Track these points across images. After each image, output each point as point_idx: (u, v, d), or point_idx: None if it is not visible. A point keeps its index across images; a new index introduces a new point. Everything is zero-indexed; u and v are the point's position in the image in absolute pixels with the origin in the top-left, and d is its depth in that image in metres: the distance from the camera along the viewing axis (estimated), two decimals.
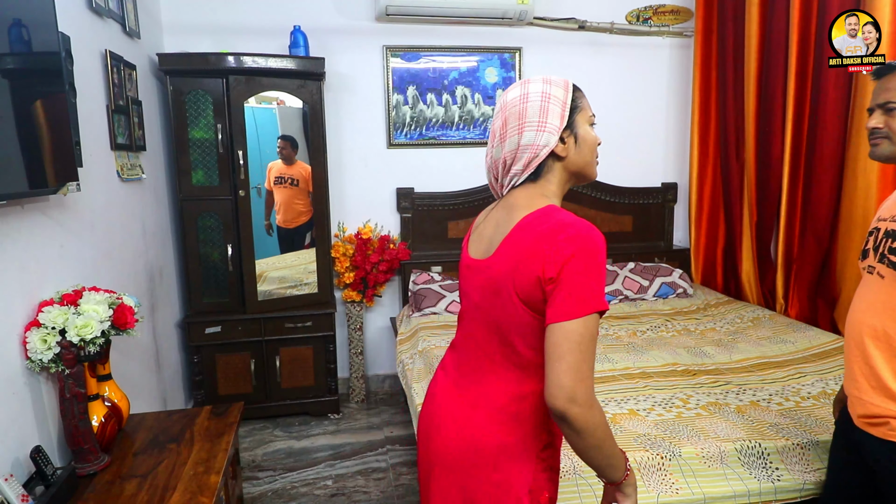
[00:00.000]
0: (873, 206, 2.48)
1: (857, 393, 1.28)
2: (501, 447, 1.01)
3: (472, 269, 1.08)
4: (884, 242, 1.24)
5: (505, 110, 1.02)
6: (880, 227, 1.28)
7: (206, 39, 3.11)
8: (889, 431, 1.22)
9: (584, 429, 0.89)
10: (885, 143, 1.24)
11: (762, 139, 3.11)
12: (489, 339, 1.03)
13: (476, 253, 1.09)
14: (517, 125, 0.99)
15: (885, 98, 1.23)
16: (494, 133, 1.04)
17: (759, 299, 3.25)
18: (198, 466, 1.64)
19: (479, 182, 3.50)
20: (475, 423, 1.04)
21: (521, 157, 1.00)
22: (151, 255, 2.63)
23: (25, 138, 1.44)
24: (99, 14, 2.15)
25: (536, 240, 0.94)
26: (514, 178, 1.03)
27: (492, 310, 1.02)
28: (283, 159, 3.11)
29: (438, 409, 1.12)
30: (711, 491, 1.61)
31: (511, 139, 1.00)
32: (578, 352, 0.88)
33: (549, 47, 3.50)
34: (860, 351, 1.27)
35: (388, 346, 3.57)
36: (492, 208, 1.13)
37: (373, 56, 3.35)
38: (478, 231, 1.12)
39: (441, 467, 1.08)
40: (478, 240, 1.10)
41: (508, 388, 1.02)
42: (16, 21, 1.40)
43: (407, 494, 2.46)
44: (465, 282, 1.11)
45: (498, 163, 1.04)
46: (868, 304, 1.26)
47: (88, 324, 1.51)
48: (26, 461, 1.44)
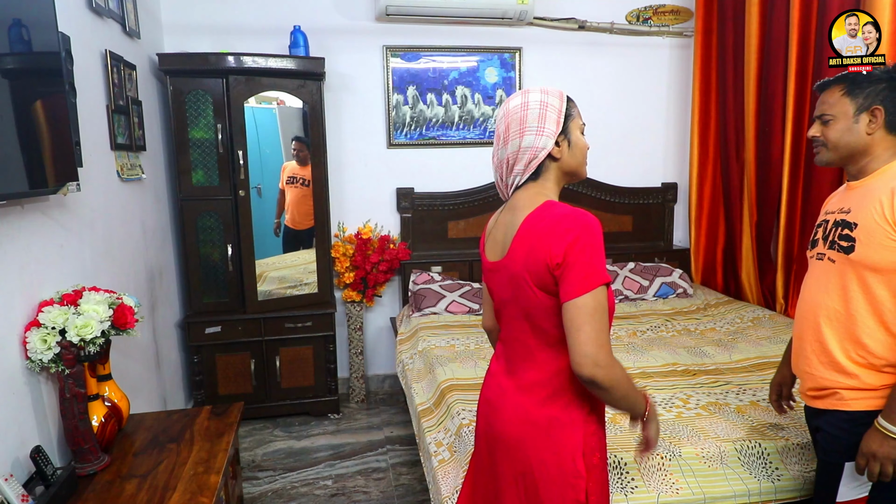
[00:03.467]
0: None
1: (809, 369, 1.42)
2: (551, 419, 1.14)
3: (493, 270, 1.22)
4: (833, 231, 1.40)
5: (508, 116, 1.15)
6: (828, 219, 1.44)
7: (206, 39, 3.11)
8: (836, 401, 1.37)
9: (612, 385, 1.04)
10: (823, 150, 1.41)
11: (762, 139, 3.11)
12: (522, 327, 1.17)
13: (493, 256, 1.23)
14: (518, 130, 1.13)
15: (821, 111, 1.41)
16: (499, 136, 1.17)
17: (759, 299, 3.25)
18: (198, 466, 1.64)
19: (479, 182, 3.51)
20: (526, 402, 1.17)
21: (521, 157, 1.14)
22: (151, 255, 2.63)
23: (25, 138, 1.44)
24: (99, 14, 2.15)
25: (541, 234, 1.08)
26: (516, 176, 1.16)
27: (518, 301, 1.15)
28: (297, 161, 3.12)
29: (495, 395, 1.25)
30: (712, 491, 1.61)
31: (513, 142, 1.14)
32: (593, 321, 1.02)
33: (549, 47, 3.50)
34: (813, 331, 1.41)
35: (388, 346, 3.57)
36: (500, 212, 1.26)
37: (373, 56, 3.35)
38: (491, 236, 1.26)
39: (503, 447, 1.21)
40: (492, 244, 1.24)
41: (546, 366, 1.15)
42: (16, 21, 1.40)
43: (407, 494, 2.46)
44: (491, 283, 1.25)
45: (503, 163, 1.17)
46: (821, 287, 1.40)
47: (88, 324, 1.51)
48: (26, 461, 1.44)
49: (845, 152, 1.38)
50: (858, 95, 1.35)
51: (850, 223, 1.35)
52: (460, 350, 2.60)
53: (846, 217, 1.38)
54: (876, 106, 1.34)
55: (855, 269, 1.33)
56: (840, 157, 1.40)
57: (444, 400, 2.14)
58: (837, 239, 1.37)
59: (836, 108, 1.38)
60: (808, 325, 1.43)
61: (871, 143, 1.35)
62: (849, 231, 1.34)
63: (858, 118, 1.35)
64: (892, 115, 1.34)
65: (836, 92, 1.39)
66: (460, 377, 2.27)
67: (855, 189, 1.40)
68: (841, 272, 1.36)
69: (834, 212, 1.43)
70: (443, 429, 2.03)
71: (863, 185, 1.37)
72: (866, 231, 1.31)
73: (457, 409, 2.00)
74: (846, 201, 1.41)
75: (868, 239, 1.30)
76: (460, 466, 1.75)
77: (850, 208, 1.37)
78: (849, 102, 1.36)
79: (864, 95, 1.35)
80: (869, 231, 1.30)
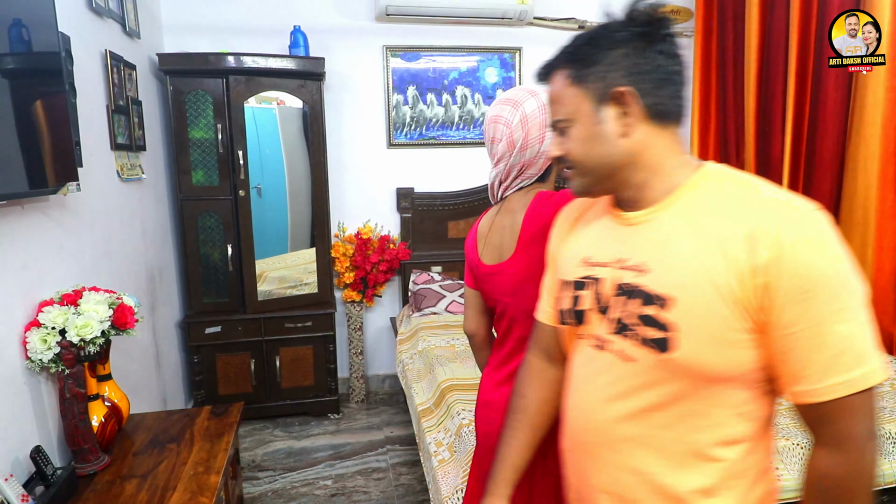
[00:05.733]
0: (873, 206, 2.47)
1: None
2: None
3: (493, 274, 1.22)
4: (622, 304, 0.82)
5: (527, 122, 1.15)
6: (599, 278, 0.86)
7: (206, 39, 3.11)
8: None
9: None
10: (573, 175, 0.87)
11: (762, 139, 3.11)
12: (527, 324, 1.14)
13: (490, 259, 1.23)
14: (538, 136, 1.14)
15: (554, 116, 0.87)
16: (514, 143, 1.15)
17: None
18: (198, 466, 1.64)
19: (479, 182, 3.50)
20: None
21: (537, 161, 1.16)
22: (151, 255, 2.63)
23: (25, 138, 1.44)
24: (99, 14, 2.15)
25: (543, 232, 1.09)
26: (524, 180, 1.18)
27: (524, 300, 1.15)
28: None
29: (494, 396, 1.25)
30: None
31: (532, 147, 1.15)
32: None
33: (549, 47, 3.45)
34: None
35: (388, 346, 3.57)
36: (494, 215, 1.25)
37: (373, 56, 3.35)
38: (487, 240, 1.25)
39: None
40: (490, 248, 1.24)
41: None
42: (16, 21, 1.40)
43: (407, 494, 2.46)
44: (488, 286, 1.25)
45: (514, 167, 1.17)
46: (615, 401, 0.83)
47: (88, 324, 1.51)
48: (26, 461, 1.44)
49: (602, 172, 0.83)
50: (589, 78, 0.81)
51: (654, 296, 0.78)
52: (460, 350, 2.60)
53: (641, 278, 0.80)
54: (617, 87, 0.79)
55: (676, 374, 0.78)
56: (598, 180, 0.84)
57: (444, 400, 2.14)
58: (640, 322, 0.79)
59: (568, 107, 0.84)
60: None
61: (634, 148, 0.81)
62: (658, 309, 0.77)
63: (601, 115, 0.81)
64: (652, 95, 0.79)
65: (562, 81, 0.84)
66: (460, 377, 2.27)
67: (641, 225, 0.83)
68: (651, 380, 0.80)
69: (609, 264, 0.85)
70: (443, 429, 2.03)
71: (655, 219, 0.81)
72: (693, 314, 0.75)
73: (457, 409, 2.00)
74: (624, 245, 0.84)
75: (700, 328, 0.74)
76: (460, 466, 1.75)
77: (645, 261, 0.80)
78: (581, 93, 0.82)
79: (596, 76, 0.80)
80: (701, 314, 0.74)
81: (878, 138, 2.42)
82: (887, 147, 2.41)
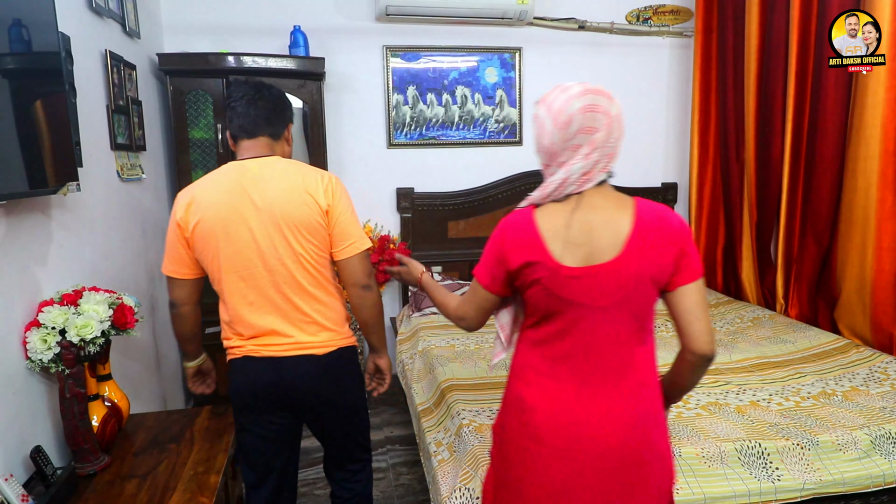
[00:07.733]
0: (873, 206, 2.47)
1: None
2: (659, 418, 1.18)
3: (590, 275, 1.10)
4: None
5: (621, 116, 1.14)
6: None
7: (206, 39, 3.11)
8: None
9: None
10: None
11: (762, 139, 3.11)
12: (623, 330, 1.13)
13: (574, 261, 1.10)
14: (621, 133, 1.14)
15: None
16: (611, 133, 1.11)
17: (759, 299, 3.25)
18: (198, 466, 1.64)
19: (480, 182, 3.51)
20: (638, 410, 1.14)
21: (616, 155, 1.15)
22: (151, 255, 2.63)
23: (25, 138, 1.44)
24: (99, 14, 2.15)
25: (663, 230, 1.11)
26: (601, 173, 1.13)
27: (627, 303, 1.11)
28: None
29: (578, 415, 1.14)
30: (711, 491, 1.61)
31: (620, 141, 1.15)
32: (707, 300, 1.14)
33: (549, 47, 3.50)
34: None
35: (388, 346, 3.56)
36: (570, 213, 1.12)
37: (373, 56, 3.35)
38: (567, 240, 1.11)
39: (608, 466, 1.13)
40: (573, 247, 1.10)
41: (646, 361, 1.17)
42: (16, 21, 1.40)
43: (407, 494, 2.46)
44: (576, 291, 1.11)
45: (601, 160, 1.12)
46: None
47: (88, 324, 1.51)
48: (26, 461, 1.44)
49: None
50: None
51: None
52: (460, 350, 2.60)
53: None
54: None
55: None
56: None
57: (444, 400, 2.14)
58: None
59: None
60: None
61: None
62: None
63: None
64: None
65: None
66: (460, 377, 2.27)
67: None
68: None
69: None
70: (443, 429, 2.03)
71: None
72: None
73: (457, 409, 2.00)
74: None
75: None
76: (460, 466, 1.75)
77: None
78: None
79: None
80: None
81: (878, 138, 2.42)
82: (887, 147, 2.41)
